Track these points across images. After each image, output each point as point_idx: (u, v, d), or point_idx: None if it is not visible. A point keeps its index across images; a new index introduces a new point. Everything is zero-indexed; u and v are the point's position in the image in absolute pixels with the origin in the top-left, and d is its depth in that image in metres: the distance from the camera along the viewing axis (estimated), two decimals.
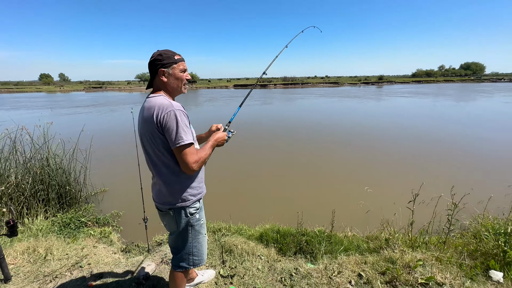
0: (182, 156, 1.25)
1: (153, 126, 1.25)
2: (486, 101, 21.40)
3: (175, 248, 1.50)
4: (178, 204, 1.36)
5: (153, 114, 1.24)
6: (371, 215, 3.39)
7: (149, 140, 1.30)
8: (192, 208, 1.40)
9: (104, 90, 59.02)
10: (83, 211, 3.94)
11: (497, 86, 47.35)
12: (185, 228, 1.42)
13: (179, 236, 1.45)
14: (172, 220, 1.41)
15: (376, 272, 1.97)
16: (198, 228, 1.47)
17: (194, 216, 1.43)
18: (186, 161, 1.24)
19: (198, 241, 1.48)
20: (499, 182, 4.58)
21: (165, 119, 1.22)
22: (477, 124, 11.55)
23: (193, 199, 1.39)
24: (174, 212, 1.38)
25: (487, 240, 2.59)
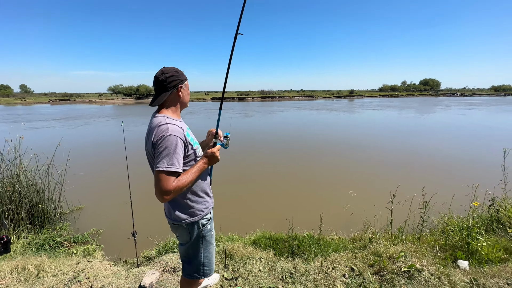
0: (156, 181, 1.22)
1: (151, 146, 1.28)
2: (445, 113, 23.89)
3: (186, 258, 1.53)
4: (190, 220, 1.40)
5: (152, 135, 1.28)
6: (355, 217, 3.68)
7: (151, 159, 1.32)
8: (204, 219, 1.46)
9: (72, 103, 55.69)
10: (58, 230, 3.73)
11: (451, 99, 52.99)
12: (197, 239, 1.46)
13: (191, 247, 1.48)
14: (185, 232, 1.44)
15: (365, 265, 2.20)
16: (209, 239, 1.51)
17: (206, 227, 1.47)
18: (158, 187, 1.22)
19: (208, 251, 1.52)
20: (460, 183, 5.18)
21: (158, 141, 1.24)
22: (439, 133, 12.95)
23: (203, 214, 1.44)
24: (187, 225, 1.42)
25: (453, 235, 2.96)
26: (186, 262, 1.54)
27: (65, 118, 21.87)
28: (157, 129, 1.26)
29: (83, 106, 44.08)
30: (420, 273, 2.07)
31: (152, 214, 4.60)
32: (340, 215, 4.17)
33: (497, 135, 12.07)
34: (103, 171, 7.21)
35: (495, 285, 2.00)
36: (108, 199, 5.33)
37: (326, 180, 6.42)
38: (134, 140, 11.49)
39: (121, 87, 69.31)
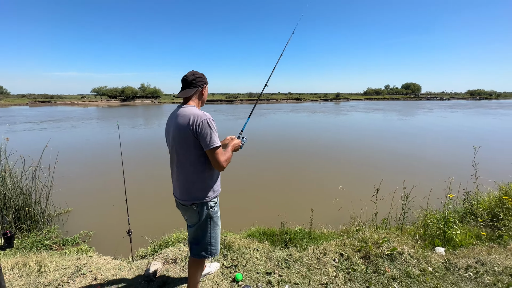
0: (215, 156, 1.50)
1: (187, 131, 1.48)
2: (427, 115, 25.19)
3: (195, 239, 1.69)
4: (202, 200, 1.57)
5: (189, 121, 1.48)
6: (343, 211, 3.91)
7: (183, 143, 1.52)
8: (212, 202, 1.63)
9: (53, 105, 53.57)
10: (46, 233, 3.67)
11: (431, 103, 55.64)
12: (206, 220, 1.63)
13: (199, 228, 1.65)
14: (195, 214, 1.60)
15: (353, 250, 2.41)
16: (216, 220, 1.69)
17: (213, 209, 1.65)
18: (218, 160, 1.50)
19: (215, 231, 1.70)
20: (437, 178, 5.56)
21: (200, 126, 1.47)
22: (421, 134, 13.75)
23: (212, 195, 1.61)
24: (197, 206, 1.58)
25: (432, 226, 3.24)
26: (194, 243, 1.70)
27: (48, 121, 21.08)
28: (196, 115, 1.50)
29: (66, 108, 42.54)
30: (401, 255, 2.31)
31: (145, 214, 4.64)
32: (330, 209, 4.40)
33: (471, 135, 12.97)
34: (91, 173, 7.11)
35: (465, 263, 2.27)
36: (96, 201, 5.31)
37: (317, 176, 6.71)
38: (123, 142, 11.35)
39: (106, 88, 67.38)
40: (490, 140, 11.61)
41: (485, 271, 2.16)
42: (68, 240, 3.62)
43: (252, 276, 2.13)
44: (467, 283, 2.04)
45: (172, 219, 4.39)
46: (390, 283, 2.02)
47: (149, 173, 7.12)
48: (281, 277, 2.11)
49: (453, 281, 2.05)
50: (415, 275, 2.10)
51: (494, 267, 2.21)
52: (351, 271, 2.16)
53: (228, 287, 2.02)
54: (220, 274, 2.16)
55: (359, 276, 2.10)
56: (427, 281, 2.03)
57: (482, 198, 3.93)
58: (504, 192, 3.74)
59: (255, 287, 2.00)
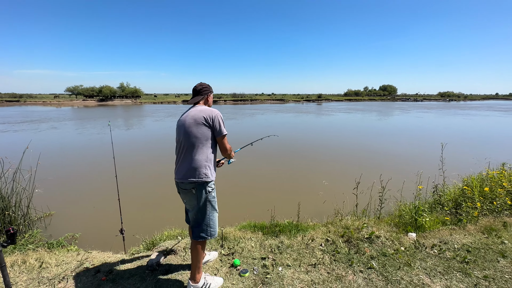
0: (224, 142, 1.96)
1: (202, 121, 1.85)
2: (404, 116, 26.83)
3: (195, 222, 1.93)
4: (201, 179, 1.84)
5: (207, 112, 1.89)
6: (327, 204, 4.23)
7: (195, 129, 1.85)
8: (210, 187, 1.89)
9: (23, 104, 50.25)
10: (28, 238, 3.59)
11: (406, 104, 58.93)
12: (204, 203, 1.89)
13: (199, 211, 1.89)
14: (194, 197, 1.87)
15: (337, 236, 2.70)
16: (214, 204, 1.95)
17: (211, 193, 1.92)
18: (227, 146, 1.99)
19: (213, 215, 1.95)
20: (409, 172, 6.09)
21: (214, 118, 1.88)
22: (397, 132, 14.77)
23: (211, 178, 1.90)
24: (196, 190, 1.85)
25: (405, 214, 3.62)
26: (195, 226, 1.93)
27: (25, 122, 19.85)
28: (210, 111, 1.92)
29: (37, 108, 40.08)
30: (378, 238, 2.63)
31: (134, 214, 4.69)
32: (315, 203, 4.71)
33: (442, 133, 14.13)
34: (71, 176, 6.96)
35: (431, 243, 2.64)
36: (79, 203, 5.25)
37: (303, 173, 7.06)
38: (103, 143, 11.07)
39: (82, 88, 64.20)
40: (458, 137, 12.75)
41: (446, 248, 2.53)
42: (53, 243, 3.57)
43: (248, 261, 2.34)
44: (432, 258, 2.39)
45: (162, 217, 4.51)
46: (369, 261, 2.32)
47: (136, 173, 7.09)
48: (274, 261, 2.34)
49: (421, 257, 2.39)
50: (389, 253, 2.42)
51: (454, 244, 2.59)
52: (336, 253, 2.44)
53: (228, 271, 2.21)
54: (219, 261, 2.35)
55: (343, 257, 2.39)
56: (399, 258, 2.36)
57: (448, 189, 4.41)
58: (465, 183, 4.25)
59: (252, 270, 2.21)
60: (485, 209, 3.54)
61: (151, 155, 9.38)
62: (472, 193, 3.81)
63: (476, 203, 3.50)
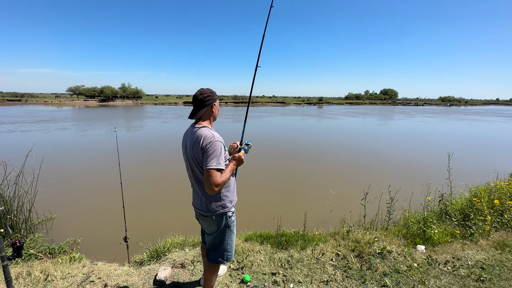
0: (207, 177, 1.55)
1: (199, 150, 1.60)
2: (409, 121, 26.85)
3: (212, 246, 1.81)
4: (219, 211, 1.70)
5: (200, 141, 1.59)
6: (333, 214, 4.18)
7: (195, 161, 1.65)
8: (230, 211, 1.76)
9: (24, 104, 50.31)
10: (29, 242, 3.57)
11: (407, 108, 58.97)
12: (224, 229, 1.77)
13: (217, 236, 1.77)
14: (214, 223, 1.74)
15: (348, 250, 2.65)
16: (233, 228, 1.83)
17: (231, 218, 1.79)
18: (210, 182, 1.54)
19: (231, 239, 1.83)
20: (417, 182, 6.04)
21: (207, 147, 1.57)
22: (404, 138, 14.70)
23: (230, 205, 1.75)
24: (216, 217, 1.72)
25: (412, 226, 3.57)
26: (211, 249, 1.83)
27: (21, 122, 19.84)
28: (206, 137, 1.60)
29: (39, 107, 40.13)
30: (390, 253, 2.58)
31: (138, 220, 4.63)
32: (321, 212, 4.66)
33: (448, 139, 14.09)
34: (73, 179, 6.89)
35: (444, 259, 2.58)
36: (81, 207, 5.19)
37: (310, 181, 6.99)
38: (106, 145, 11.02)
39: (83, 88, 64.35)
40: (465, 144, 12.70)
41: (460, 265, 2.48)
42: (55, 248, 3.52)
43: (258, 277, 2.29)
44: (446, 276, 2.33)
45: (165, 223, 4.44)
46: (382, 278, 2.27)
47: (140, 177, 7.03)
48: (285, 277, 2.29)
49: (435, 275, 2.34)
50: (403, 270, 2.37)
51: (468, 261, 2.54)
52: (347, 269, 2.39)
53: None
54: (229, 276, 2.30)
55: (355, 273, 2.34)
56: (413, 275, 2.31)
57: (455, 199, 4.36)
58: (473, 194, 4.20)
59: (263, 287, 2.16)
60: (495, 222, 3.49)
61: (157, 157, 9.32)
62: (481, 204, 3.77)
63: (487, 216, 3.45)
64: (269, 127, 19.53)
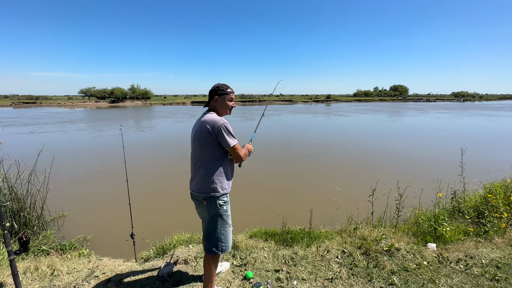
0: (235, 151, 1.81)
1: (206, 132, 1.75)
2: (423, 116, 26.13)
3: (207, 234, 1.87)
4: (211, 193, 1.77)
5: (208, 125, 1.76)
6: (340, 211, 4.09)
7: (203, 143, 1.78)
8: (221, 200, 1.81)
9: (38, 106, 51.94)
10: (42, 239, 3.66)
11: (422, 104, 57.47)
12: (215, 216, 1.82)
13: (210, 223, 1.83)
14: (205, 209, 1.81)
15: (354, 247, 2.58)
16: (226, 218, 1.86)
17: (223, 207, 1.83)
18: (239, 154, 1.82)
19: (225, 229, 1.86)
20: (428, 179, 5.84)
21: (218, 130, 1.75)
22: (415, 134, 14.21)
23: (222, 192, 1.80)
24: (207, 202, 1.79)
25: (423, 223, 3.45)
26: (207, 239, 1.87)
27: (37, 124, 20.47)
28: (214, 120, 1.77)
29: (52, 109, 41.35)
30: (398, 251, 2.49)
31: (145, 217, 4.68)
32: (328, 209, 4.57)
33: (462, 135, 13.62)
34: (85, 177, 7.05)
35: (456, 257, 2.47)
36: (92, 205, 5.29)
37: (315, 177, 6.90)
38: (117, 144, 11.20)
39: (94, 89, 66.03)
40: (479, 140, 12.23)
41: (473, 264, 2.36)
42: (66, 245, 3.61)
43: (261, 273, 2.26)
44: (458, 274, 2.23)
45: (172, 221, 4.46)
46: (389, 276, 2.19)
47: (148, 175, 7.12)
48: (289, 273, 2.24)
49: (446, 273, 2.24)
50: (411, 268, 2.28)
51: (482, 259, 2.42)
52: (353, 266, 2.32)
53: (240, 284, 2.13)
54: (231, 273, 2.27)
55: (361, 271, 2.26)
56: (423, 273, 2.21)
57: (468, 196, 4.19)
58: (488, 190, 4.02)
59: (266, 284, 2.13)
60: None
61: (168, 156, 9.42)
62: (496, 201, 3.60)
63: (502, 213, 3.29)
64: (280, 125, 19.43)
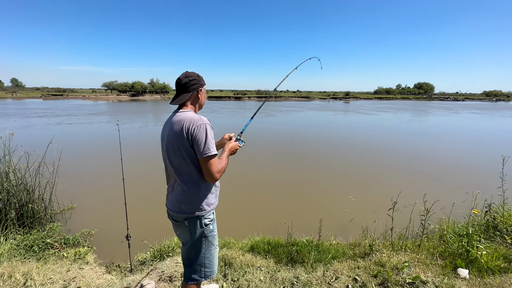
0: (208, 166, 1.37)
1: (182, 137, 1.37)
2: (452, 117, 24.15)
3: (187, 260, 1.54)
4: (195, 213, 1.43)
5: (183, 126, 1.37)
6: (354, 223, 3.64)
7: (177, 150, 1.40)
8: (207, 219, 1.48)
9: (65, 98, 54.70)
10: (48, 231, 3.65)
11: (446, 103, 53.91)
12: (199, 239, 1.48)
13: (192, 247, 1.49)
14: (187, 230, 1.46)
15: (369, 276, 2.15)
16: (211, 239, 1.52)
17: (208, 227, 1.49)
18: (211, 171, 1.37)
19: (210, 252, 1.53)
20: (460, 190, 5.18)
21: (196, 132, 1.36)
22: (446, 137, 12.84)
23: (208, 209, 1.46)
24: (189, 223, 1.44)
25: (452, 242, 2.93)
26: (187, 265, 1.54)
27: (60, 115, 21.37)
28: (192, 120, 1.38)
29: (77, 101, 43.29)
30: (425, 284, 2.03)
31: (146, 217, 4.49)
32: (339, 220, 4.13)
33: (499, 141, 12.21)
34: (96, 170, 7.04)
35: None
36: (101, 199, 5.20)
37: (326, 184, 6.37)
38: (132, 138, 11.30)
39: (116, 83, 68.53)
40: None
41: None
42: (69, 238, 3.58)
43: None
44: None
45: None
46: None
47: (153, 173, 6.97)
48: None
49: None
50: None
51: None
52: None
53: None
54: None
55: None
56: None
57: (507, 212, 3.58)
58: None
59: None
60: None
61: None
62: None
63: None
64: (295, 121, 18.84)
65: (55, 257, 2.99)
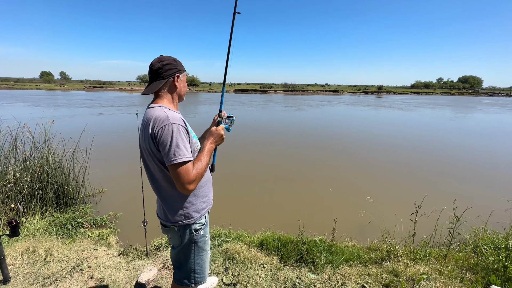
0: (176, 176, 1.14)
1: (150, 140, 1.18)
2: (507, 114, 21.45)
3: (177, 263, 1.44)
4: (183, 222, 1.29)
5: (150, 127, 1.17)
6: (372, 225, 3.39)
7: (148, 154, 1.24)
8: (197, 224, 1.34)
9: (104, 90, 59.07)
10: (80, 211, 3.94)
11: (497, 99, 48.02)
12: (188, 244, 1.36)
13: (182, 252, 1.39)
14: (176, 235, 1.35)
15: (379, 285, 1.97)
16: (202, 245, 1.40)
17: (199, 232, 1.36)
18: (181, 181, 1.14)
19: (201, 258, 1.41)
20: (499, 196, 4.59)
21: (159, 133, 1.14)
22: (486, 137, 11.45)
23: (197, 216, 1.32)
24: (178, 228, 1.33)
25: (487, 255, 2.59)
26: (177, 267, 1.44)
27: (95, 106, 23.11)
28: (156, 120, 1.16)
29: (114, 93, 46.48)
30: None
31: None
32: (356, 221, 3.89)
33: None
34: (125, 157, 7.47)
35: None
36: (128, 184, 5.50)
37: (343, 182, 6.04)
38: None
39: None
40: None
41: None
42: (97, 219, 3.82)
43: None
44: None
45: None
46: None
47: None
48: None
49: None
50: None
51: None
52: None
53: None
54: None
55: None
56: None
57: None
58: None
59: None
60: None
61: None
62: None
63: None
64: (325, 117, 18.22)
65: (82, 235, 3.23)
